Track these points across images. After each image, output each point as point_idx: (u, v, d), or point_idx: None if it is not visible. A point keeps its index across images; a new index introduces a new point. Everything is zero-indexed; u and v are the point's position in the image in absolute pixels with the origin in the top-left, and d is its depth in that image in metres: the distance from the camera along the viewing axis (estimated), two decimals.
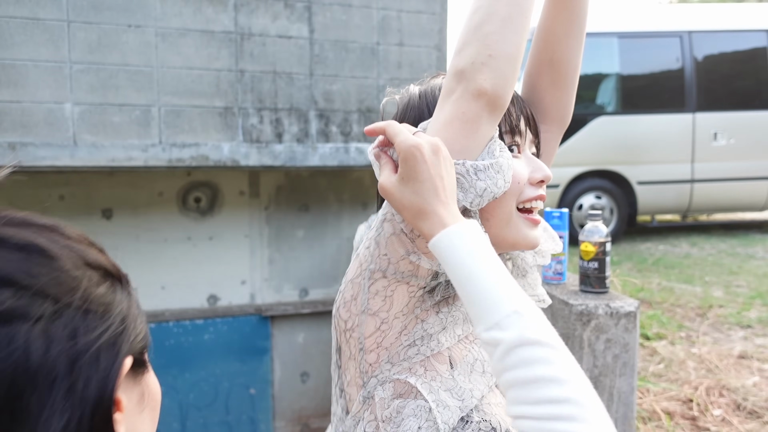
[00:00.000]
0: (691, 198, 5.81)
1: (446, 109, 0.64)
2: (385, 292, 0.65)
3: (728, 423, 2.00)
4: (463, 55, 0.64)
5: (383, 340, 0.66)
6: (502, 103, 0.64)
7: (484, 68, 0.62)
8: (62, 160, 2.77)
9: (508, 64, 0.63)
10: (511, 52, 0.63)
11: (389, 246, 0.65)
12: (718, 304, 3.55)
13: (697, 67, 5.75)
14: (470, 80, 0.62)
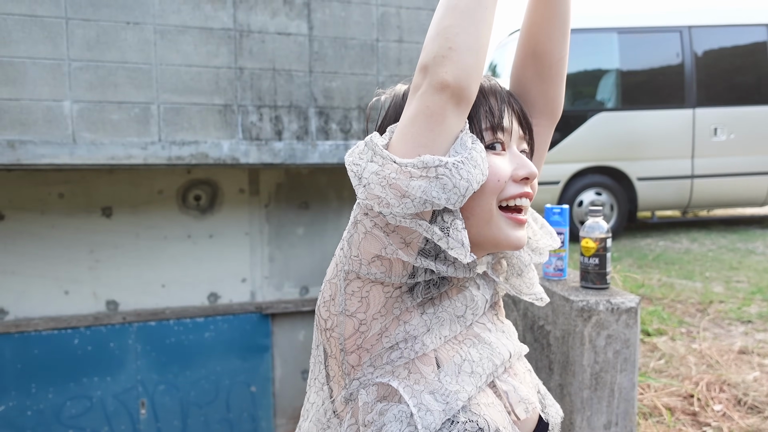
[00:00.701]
0: (691, 194, 5.80)
1: (412, 105, 0.65)
2: (360, 293, 0.66)
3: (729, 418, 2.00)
4: (427, 50, 0.64)
5: (363, 342, 0.66)
6: (467, 95, 0.64)
7: (445, 61, 0.63)
8: (61, 158, 2.76)
9: (469, 55, 0.64)
10: (471, 43, 0.64)
11: (362, 247, 0.65)
12: (718, 300, 3.55)
13: (697, 63, 5.74)
14: (433, 74, 0.63)
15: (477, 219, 0.67)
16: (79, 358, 3.39)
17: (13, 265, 3.25)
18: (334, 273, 0.68)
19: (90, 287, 3.40)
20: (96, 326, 3.41)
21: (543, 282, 1.60)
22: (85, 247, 3.37)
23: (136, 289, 3.51)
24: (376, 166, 0.63)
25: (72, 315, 3.36)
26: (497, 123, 0.70)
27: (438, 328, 0.68)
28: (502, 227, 0.68)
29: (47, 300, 3.31)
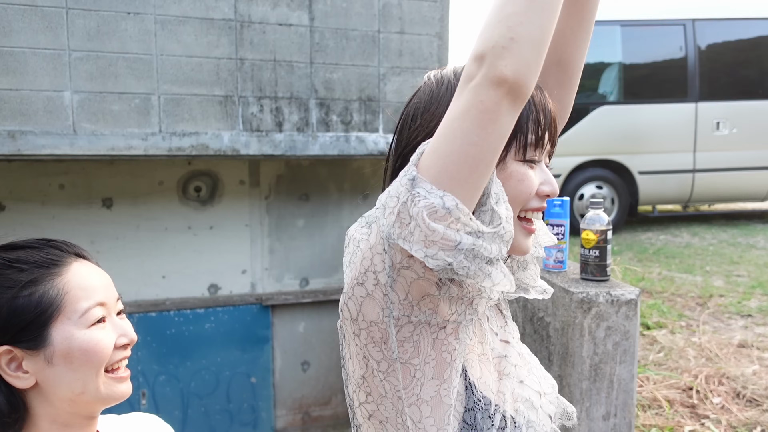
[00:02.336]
0: (692, 188, 5.79)
1: (464, 97, 0.60)
2: (412, 338, 0.64)
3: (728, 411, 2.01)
4: (484, 37, 0.59)
5: (421, 391, 0.64)
6: (524, 93, 0.60)
7: (505, 53, 0.58)
8: (62, 148, 2.76)
9: (532, 49, 0.58)
10: (535, 36, 0.59)
11: (411, 291, 0.62)
12: (718, 294, 3.56)
13: (700, 56, 5.72)
14: (490, 66, 0.58)
15: None
16: None
17: None
18: (380, 316, 0.64)
19: None
20: None
21: (543, 274, 1.60)
22: (85, 238, 3.37)
23: (136, 280, 3.51)
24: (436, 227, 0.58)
25: None
26: (541, 138, 0.70)
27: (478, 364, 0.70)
28: (517, 236, 0.70)
29: None
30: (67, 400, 0.69)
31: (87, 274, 0.72)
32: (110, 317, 0.74)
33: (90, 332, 0.70)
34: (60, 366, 0.67)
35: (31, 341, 0.66)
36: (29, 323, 0.66)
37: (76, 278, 0.70)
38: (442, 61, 3.48)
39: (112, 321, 0.74)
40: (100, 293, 0.72)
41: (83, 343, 0.69)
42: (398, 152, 0.75)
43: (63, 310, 0.68)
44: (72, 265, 0.71)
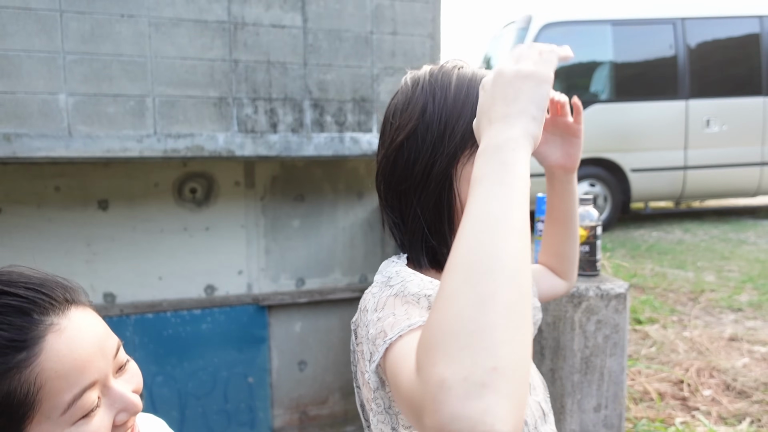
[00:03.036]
0: (684, 184, 5.85)
1: (404, 391, 0.51)
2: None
3: (718, 402, 2.05)
4: (447, 362, 0.41)
5: None
6: None
7: (488, 392, 0.39)
8: (57, 150, 2.77)
9: (523, 382, 0.41)
10: (522, 360, 0.42)
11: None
12: (709, 289, 3.60)
13: (689, 54, 5.77)
14: (464, 412, 0.39)
15: None
16: None
17: (10, 259, 3.25)
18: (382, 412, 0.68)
19: (87, 280, 3.42)
20: None
21: None
22: (81, 240, 3.39)
23: (133, 282, 3.53)
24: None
25: None
26: None
27: None
28: None
29: None
30: None
31: (69, 347, 0.54)
32: (107, 393, 0.58)
33: (77, 430, 0.53)
34: None
35: None
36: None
37: (53, 361, 0.53)
38: (435, 60, 3.51)
39: (110, 397, 0.58)
40: (89, 371, 0.55)
41: None
42: (382, 151, 0.82)
43: (39, 408, 0.52)
44: (46, 338, 0.53)
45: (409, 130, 0.75)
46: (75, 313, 0.58)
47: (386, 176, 0.80)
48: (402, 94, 0.80)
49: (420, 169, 0.75)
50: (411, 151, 0.76)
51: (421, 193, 0.75)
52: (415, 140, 0.76)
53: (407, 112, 0.77)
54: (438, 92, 0.77)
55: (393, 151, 0.77)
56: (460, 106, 0.76)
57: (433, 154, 0.74)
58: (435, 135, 0.75)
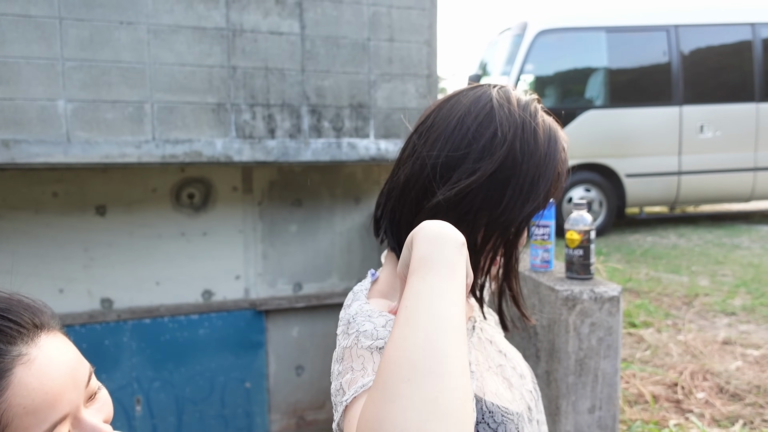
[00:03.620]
0: (678, 190, 5.90)
1: None
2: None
3: (711, 405, 2.07)
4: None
5: None
6: None
7: None
8: (56, 156, 2.79)
9: None
10: None
11: None
12: (704, 293, 3.63)
13: (683, 61, 5.83)
14: None
15: None
16: None
17: (8, 264, 3.27)
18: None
19: (85, 285, 3.43)
20: (91, 324, 3.43)
21: (531, 273, 1.66)
22: (79, 246, 3.40)
23: (130, 287, 3.53)
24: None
25: (67, 313, 3.38)
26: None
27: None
28: None
29: (42, 298, 3.32)
30: None
31: (39, 380, 0.49)
32: (78, 426, 0.53)
33: None
34: None
35: None
36: None
37: (21, 396, 0.48)
38: (431, 67, 3.55)
39: (80, 429, 0.53)
40: (60, 404, 0.50)
41: None
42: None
43: None
44: (14, 371, 0.48)
45: (493, 165, 0.68)
46: (45, 341, 0.52)
47: (428, 180, 0.70)
48: (477, 108, 0.70)
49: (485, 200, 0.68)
50: (484, 189, 0.68)
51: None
52: (493, 178, 0.68)
53: (490, 140, 0.68)
54: (526, 137, 0.69)
55: (457, 167, 0.68)
56: (545, 162, 0.70)
57: (508, 202, 0.68)
58: (522, 184, 0.68)
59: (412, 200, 0.71)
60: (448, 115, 0.72)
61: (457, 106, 0.72)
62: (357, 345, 0.62)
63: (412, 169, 0.72)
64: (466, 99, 0.72)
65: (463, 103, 0.72)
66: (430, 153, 0.70)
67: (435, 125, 0.72)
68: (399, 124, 3.50)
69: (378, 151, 3.45)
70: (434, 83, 3.56)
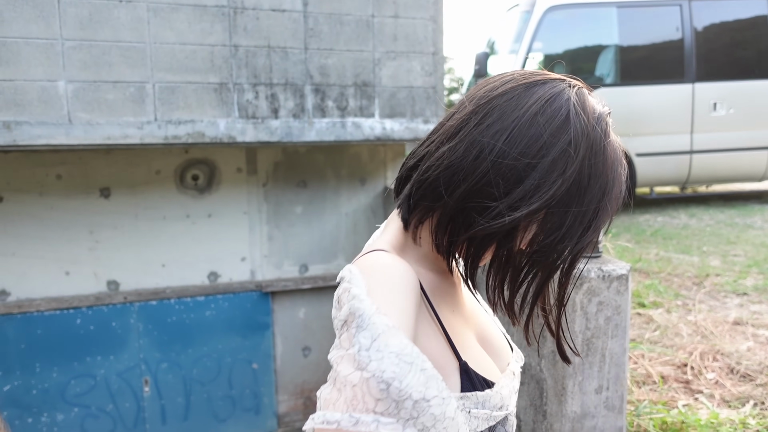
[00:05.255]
0: (690, 169, 5.80)
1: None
2: None
3: (721, 386, 2.04)
4: None
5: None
6: None
7: None
8: (57, 138, 2.76)
9: None
10: None
11: None
12: (714, 273, 3.58)
13: (696, 37, 5.69)
14: None
15: None
16: (81, 338, 3.43)
17: (14, 247, 3.27)
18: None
19: (90, 268, 3.43)
20: (97, 306, 3.44)
21: None
22: (84, 228, 3.39)
23: (136, 269, 3.53)
24: None
25: (73, 295, 3.39)
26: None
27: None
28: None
29: (48, 281, 3.34)
30: None
31: None
32: None
33: None
34: None
35: None
36: None
37: None
38: (437, 44, 3.47)
39: None
40: None
41: None
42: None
43: None
44: None
45: (556, 188, 0.60)
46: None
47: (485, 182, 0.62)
48: (551, 109, 0.62)
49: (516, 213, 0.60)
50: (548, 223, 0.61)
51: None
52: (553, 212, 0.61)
53: (561, 155, 0.61)
54: (596, 158, 0.61)
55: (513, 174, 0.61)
56: (599, 199, 0.62)
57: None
58: (585, 212, 0.61)
59: (457, 196, 0.63)
60: (516, 104, 0.62)
61: (526, 96, 0.63)
62: (367, 368, 0.55)
63: (463, 155, 0.62)
64: (539, 91, 0.63)
65: (536, 95, 0.63)
66: (492, 144, 0.61)
67: (497, 109, 0.63)
68: (404, 103, 3.44)
69: (383, 131, 3.40)
70: (440, 61, 3.49)
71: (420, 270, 0.70)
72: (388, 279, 0.60)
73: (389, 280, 0.60)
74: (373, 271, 0.60)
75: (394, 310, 0.57)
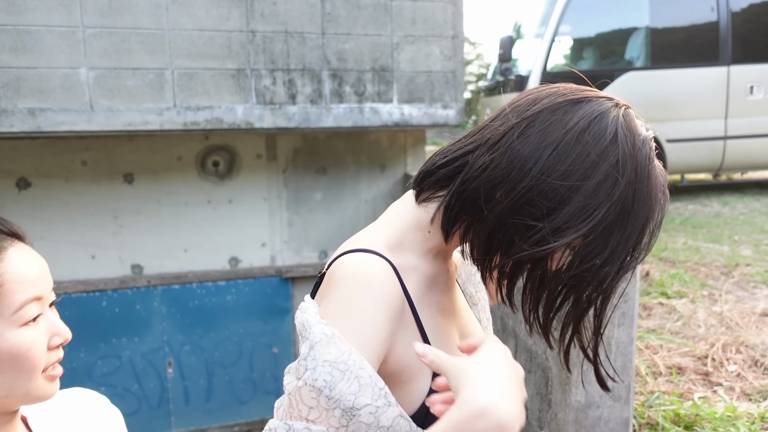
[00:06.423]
0: (723, 155, 5.59)
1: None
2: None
3: (743, 378, 1.97)
4: None
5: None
6: None
7: None
8: (80, 124, 2.82)
9: None
10: None
11: None
12: (745, 263, 3.45)
13: (732, 18, 5.46)
14: None
15: None
16: (107, 320, 3.53)
17: (42, 231, 3.37)
18: None
19: (115, 252, 3.51)
20: (122, 289, 3.53)
21: None
22: (109, 213, 3.47)
23: (159, 254, 3.61)
24: None
25: (99, 278, 3.48)
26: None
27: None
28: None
29: (75, 264, 3.43)
30: None
31: (25, 262, 0.62)
32: (45, 314, 0.65)
33: (21, 333, 0.61)
34: None
35: None
36: None
37: (12, 268, 0.61)
38: (457, 28, 3.41)
39: (46, 318, 0.65)
40: (37, 286, 0.63)
41: (13, 346, 0.60)
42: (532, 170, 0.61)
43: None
44: (8, 251, 0.62)
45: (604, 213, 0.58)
46: (27, 245, 0.66)
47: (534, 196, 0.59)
48: (598, 128, 0.59)
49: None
50: (596, 244, 0.59)
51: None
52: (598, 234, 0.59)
53: (606, 178, 0.58)
54: (641, 183, 0.59)
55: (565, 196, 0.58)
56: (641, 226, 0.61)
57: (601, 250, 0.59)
58: (629, 237, 0.59)
59: (497, 212, 0.60)
60: (562, 119, 0.60)
61: (572, 112, 0.60)
62: (313, 384, 0.55)
63: (506, 169, 0.60)
64: (586, 108, 0.60)
65: (582, 111, 0.60)
66: (536, 158, 0.59)
67: (542, 122, 0.60)
68: (423, 88, 3.40)
69: (401, 116, 3.37)
70: (459, 44, 3.42)
71: (419, 265, 0.67)
72: (364, 290, 0.59)
73: (365, 291, 0.59)
74: (350, 281, 0.60)
75: (359, 320, 0.58)
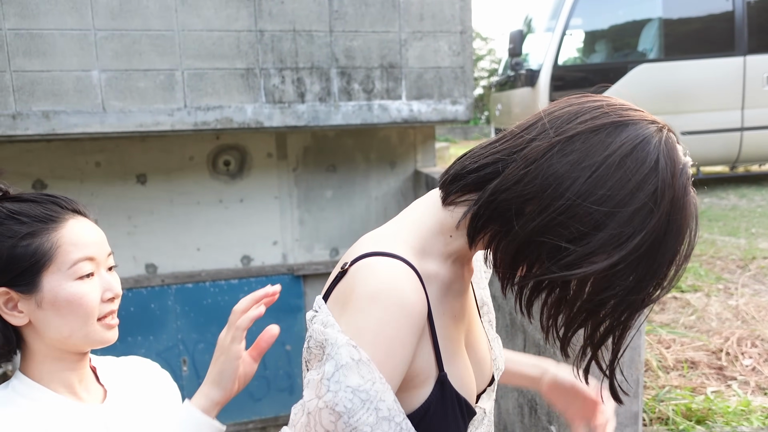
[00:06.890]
0: (740, 147, 5.50)
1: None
2: None
3: (758, 372, 1.94)
4: None
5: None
6: None
7: None
8: (93, 126, 2.86)
9: None
10: None
11: None
12: (762, 256, 3.39)
13: (748, 7, 5.36)
14: None
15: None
16: (122, 319, 3.52)
17: None
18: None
19: (130, 251, 3.56)
20: (137, 288, 3.58)
21: None
22: (123, 214, 3.52)
23: (172, 253, 3.64)
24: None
25: None
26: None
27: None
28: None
29: None
30: (56, 340, 0.76)
31: (81, 230, 0.77)
32: (99, 273, 0.78)
33: (76, 285, 0.75)
34: (48, 311, 0.74)
35: (25, 286, 0.74)
36: (24, 270, 0.73)
37: (69, 234, 0.76)
38: (465, 23, 3.39)
39: (100, 276, 0.78)
40: (90, 249, 0.77)
41: (69, 295, 0.75)
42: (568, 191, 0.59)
43: (54, 261, 0.74)
44: (68, 221, 0.76)
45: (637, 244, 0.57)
46: (87, 220, 0.81)
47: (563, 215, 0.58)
48: (641, 154, 0.58)
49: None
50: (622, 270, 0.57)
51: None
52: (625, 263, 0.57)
53: (644, 207, 0.57)
54: (676, 213, 0.58)
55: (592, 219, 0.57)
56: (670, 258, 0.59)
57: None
58: (659, 266, 0.58)
59: (528, 229, 0.59)
60: (604, 141, 0.58)
61: (615, 134, 0.58)
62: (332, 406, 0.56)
63: (541, 187, 0.58)
64: (630, 131, 0.58)
65: (625, 134, 0.58)
66: (574, 179, 0.57)
67: (584, 143, 0.58)
68: (432, 84, 3.39)
69: (410, 113, 3.36)
70: (468, 40, 3.41)
71: (440, 271, 0.66)
72: (399, 313, 0.58)
73: (400, 315, 0.58)
74: (384, 301, 0.58)
75: (394, 346, 0.57)
